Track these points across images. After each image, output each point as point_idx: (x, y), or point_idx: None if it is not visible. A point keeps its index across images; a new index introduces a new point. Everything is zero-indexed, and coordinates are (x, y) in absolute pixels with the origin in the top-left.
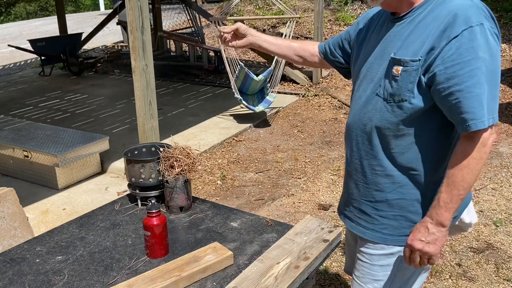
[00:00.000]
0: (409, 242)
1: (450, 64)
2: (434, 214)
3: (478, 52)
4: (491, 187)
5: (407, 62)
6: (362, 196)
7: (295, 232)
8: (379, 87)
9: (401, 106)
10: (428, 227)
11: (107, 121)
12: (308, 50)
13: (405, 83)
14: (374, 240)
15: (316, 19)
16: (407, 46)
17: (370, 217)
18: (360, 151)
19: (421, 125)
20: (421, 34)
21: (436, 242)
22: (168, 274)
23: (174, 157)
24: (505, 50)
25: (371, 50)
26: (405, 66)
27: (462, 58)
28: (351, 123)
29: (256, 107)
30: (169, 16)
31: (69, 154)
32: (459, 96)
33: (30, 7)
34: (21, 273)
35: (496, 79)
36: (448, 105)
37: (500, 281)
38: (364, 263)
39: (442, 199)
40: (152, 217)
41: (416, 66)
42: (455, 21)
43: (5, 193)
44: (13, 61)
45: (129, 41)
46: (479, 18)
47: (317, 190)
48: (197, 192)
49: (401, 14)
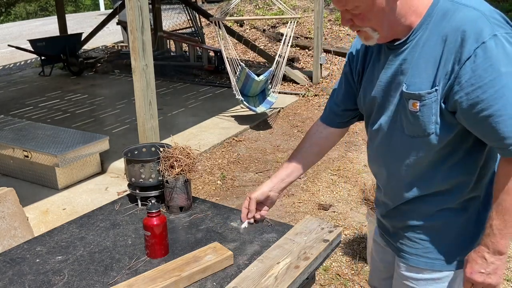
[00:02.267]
0: (469, 276)
1: (470, 90)
2: (490, 243)
3: (500, 68)
4: None
5: (423, 96)
6: None
7: (295, 232)
8: (397, 123)
9: (429, 140)
10: (486, 257)
11: (107, 121)
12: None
13: (427, 117)
14: (419, 266)
15: (316, 19)
16: (418, 75)
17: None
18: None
19: (455, 149)
20: (429, 59)
21: (497, 272)
22: (168, 274)
23: (174, 157)
24: None
25: (375, 82)
26: (423, 100)
27: (482, 80)
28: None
29: (257, 108)
30: (169, 16)
31: (69, 154)
32: (491, 122)
33: (30, 7)
34: (21, 273)
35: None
36: (482, 133)
37: None
38: None
39: (495, 227)
40: (152, 217)
41: (434, 97)
42: (464, 39)
43: (5, 193)
44: (13, 61)
45: (129, 41)
46: (491, 29)
47: (317, 190)
48: (197, 192)
49: (401, 40)
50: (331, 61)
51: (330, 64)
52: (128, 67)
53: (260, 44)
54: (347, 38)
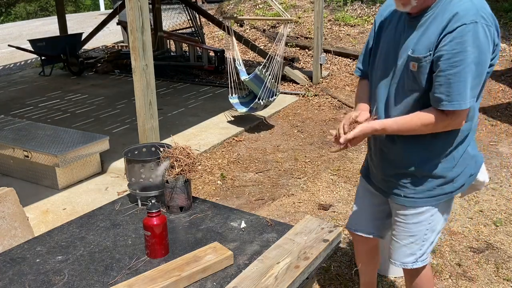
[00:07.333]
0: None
1: (443, 53)
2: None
3: (467, 47)
4: (491, 187)
5: (420, 59)
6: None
7: (295, 232)
8: (401, 78)
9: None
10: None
11: (107, 121)
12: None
13: (422, 75)
14: (405, 205)
15: (316, 19)
16: (422, 43)
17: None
18: None
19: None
20: (433, 32)
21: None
22: (168, 274)
23: (174, 157)
24: (504, 50)
25: (390, 43)
26: (420, 62)
27: (452, 50)
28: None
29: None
30: (169, 16)
31: (69, 154)
32: (444, 80)
33: (30, 7)
34: (21, 273)
35: (480, 71)
36: (436, 85)
37: (500, 281)
38: (400, 223)
39: (389, 125)
40: (152, 217)
41: (429, 59)
42: (453, 19)
43: (5, 193)
44: (13, 61)
45: (129, 41)
46: (475, 17)
47: (317, 190)
48: (197, 192)
49: (417, 14)
50: (331, 61)
51: (330, 64)
52: (128, 67)
53: (260, 44)
54: (347, 38)
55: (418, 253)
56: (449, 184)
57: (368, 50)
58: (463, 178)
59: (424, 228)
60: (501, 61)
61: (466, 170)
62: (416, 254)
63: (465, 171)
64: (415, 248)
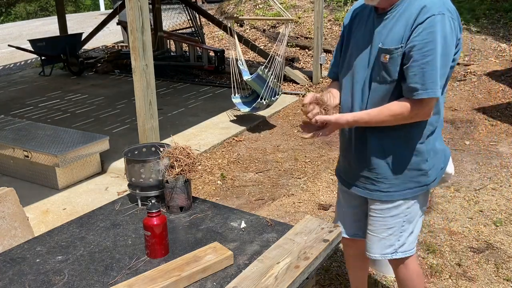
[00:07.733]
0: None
1: (415, 44)
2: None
3: (437, 37)
4: (491, 187)
5: (392, 51)
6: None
7: (295, 232)
8: (373, 72)
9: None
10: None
11: (107, 121)
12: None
13: (393, 66)
14: (381, 199)
15: (316, 19)
16: (392, 36)
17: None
18: None
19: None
20: (401, 26)
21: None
22: (168, 274)
23: (174, 157)
24: (504, 50)
25: (360, 40)
26: (392, 54)
27: (423, 40)
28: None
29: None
30: (169, 16)
31: (69, 154)
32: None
33: (30, 7)
34: (21, 273)
35: (446, 61)
36: (408, 74)
37: (500, 281)
38: (376, 217)
39: (361, 117)
40: (152, 217)
41: (400, 52)
42: (421, 11)
43: (5, 193)
44: (13, 61)
45: (129, 41)
46: (441, 9)
47: (317, 190)
48: (197, 192)
49: (385, 10)
50: None
51: None
52: (128, 67)
53: (260, 44)
54: None
55: (396, 243)
56: (423, 177)
57: (339, 52)
58: (435, 171)
59: (401, 220)
60: (501, 61)
61: (437, 163)
62: (395, 245)
63: (436, 164)
64: (393, 239)
